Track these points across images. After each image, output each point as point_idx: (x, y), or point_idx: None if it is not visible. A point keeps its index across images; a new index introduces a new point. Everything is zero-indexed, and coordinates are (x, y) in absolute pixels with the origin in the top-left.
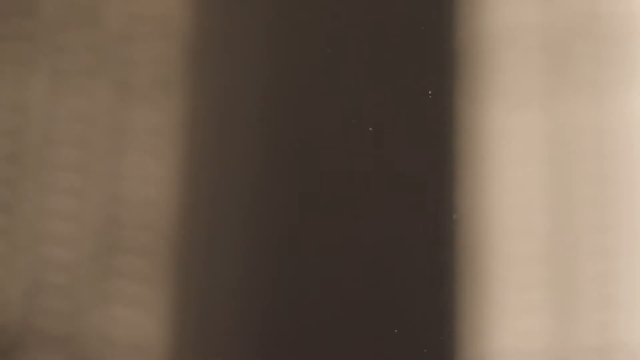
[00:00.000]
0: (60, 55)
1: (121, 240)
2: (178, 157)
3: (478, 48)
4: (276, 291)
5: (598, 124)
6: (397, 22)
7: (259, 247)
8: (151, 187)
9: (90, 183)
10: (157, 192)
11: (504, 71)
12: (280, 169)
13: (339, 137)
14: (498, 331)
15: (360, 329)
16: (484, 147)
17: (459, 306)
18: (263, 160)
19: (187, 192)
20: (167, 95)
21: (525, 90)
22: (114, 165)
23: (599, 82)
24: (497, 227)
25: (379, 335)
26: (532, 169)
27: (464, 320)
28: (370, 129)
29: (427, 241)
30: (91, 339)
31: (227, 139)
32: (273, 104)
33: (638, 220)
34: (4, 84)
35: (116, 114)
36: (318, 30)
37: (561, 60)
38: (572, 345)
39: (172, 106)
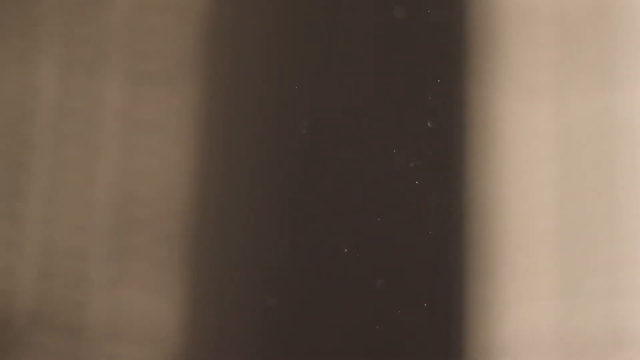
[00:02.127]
0: (70, 43)
1: (135, 227)
2: (193, 143)
3: (489, 36)
4: (281, 288)
5: (611, 114)
6: (405, 11)
7: (269, 240)
8: (166, 172)
9: (104, 167)
10: (172, 177)
11: (516, 60)
12: (295, 155)
13: (350, 128)
14: (507, 319)
15: (366, 317)
16: (495, 135)
17: (467, 293)
18: (279, 147)
19: (202, 177)
20: (183, 82)
21: (538, 79)
22: (127, 150)
23: (613, 71)
24: (507, 215)
25: (386, 322)
26: (543, 157)
27: (472, 308)
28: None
29: (436, 229)
30: (102, 326)
31: (244, 126)
32: (289, 91)
33: None
34: (14, 67)
35: (130, 99)
36: (331, 14)
37: (575, 49)
38: (582, 333)
39: (187, 92)
